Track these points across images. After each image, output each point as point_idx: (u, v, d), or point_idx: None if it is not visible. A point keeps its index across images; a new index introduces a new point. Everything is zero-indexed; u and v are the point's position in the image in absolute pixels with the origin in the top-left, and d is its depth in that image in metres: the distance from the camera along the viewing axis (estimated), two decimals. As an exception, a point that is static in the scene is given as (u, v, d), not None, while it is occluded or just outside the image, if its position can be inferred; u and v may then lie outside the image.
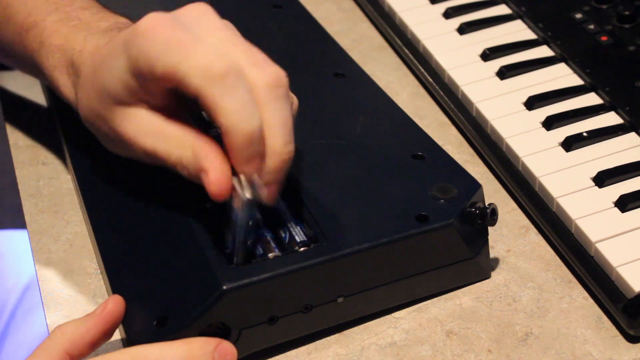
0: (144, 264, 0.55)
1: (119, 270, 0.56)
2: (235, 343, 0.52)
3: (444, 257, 0.57)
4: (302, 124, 0.63)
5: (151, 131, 0.55)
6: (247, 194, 0.52)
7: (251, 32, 0.75)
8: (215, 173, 0.52)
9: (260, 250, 0.54)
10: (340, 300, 0.55)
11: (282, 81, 0.53)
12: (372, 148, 0.62)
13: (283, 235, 0.55)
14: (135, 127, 0.55)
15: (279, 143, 0.52)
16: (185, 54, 0.51)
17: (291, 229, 0.55)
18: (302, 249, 0.54)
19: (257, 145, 0.52)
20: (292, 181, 0.58)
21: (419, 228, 0.55)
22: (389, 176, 0.59)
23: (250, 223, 0.53)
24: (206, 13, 0.55)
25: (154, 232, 0.57)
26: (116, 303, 0.52)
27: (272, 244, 0.54)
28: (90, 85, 0.56)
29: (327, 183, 0.58)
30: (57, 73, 0.60)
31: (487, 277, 0.60)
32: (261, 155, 0.52)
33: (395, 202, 0.57)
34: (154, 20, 0.53)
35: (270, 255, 0.53)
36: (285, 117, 0.53)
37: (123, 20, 0.61)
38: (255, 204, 0.53)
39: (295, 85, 0.68)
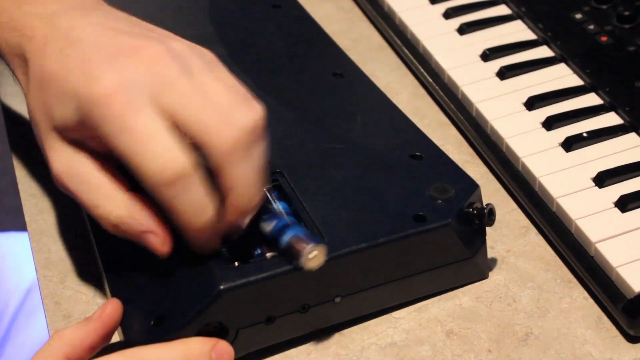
0: (141, 264, 0.55)
1: (117, 270, 0.56)
2: (232, 343, 0.52)
3: (441, 257, 0.57)
4: (300, 124, 0.64)
5: (79, 175, 0.52)
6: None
7: (250, 32, 0.75)
8: (163, 234, 0.52)
9: (258, 250, 0.54)
10: (337, 300, 0.55)
11: (247, 135, 0.50)
12: (370, 148, 0.62)
13: None
14: (63, 162, 0.52)
15: (241, 202, 0.51)
16: (140, 150, 0.48)
17: None
18: None
19: (215, 230, 0.51)
20: (290, 181, 0.58)
21: (417, 228, 0.55)
22: (386, 176, 0.59)
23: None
24: (162, 61, 0.51)
25: None
26: (114, 306, 0.52)
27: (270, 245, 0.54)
28: (37, 92, 0.53)
29: (325, 183, 0.58)
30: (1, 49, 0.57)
31: (485, 277, 0.60)
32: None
33: (392, 202, 0.57)
34: (111, 87, 0.49)
35: (268, 255, 0.53)
36: (249, 175, 0.51)
37: None
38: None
39: (293, 86, 0.68)
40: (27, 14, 0.56)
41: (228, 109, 0.51)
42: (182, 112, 0.50)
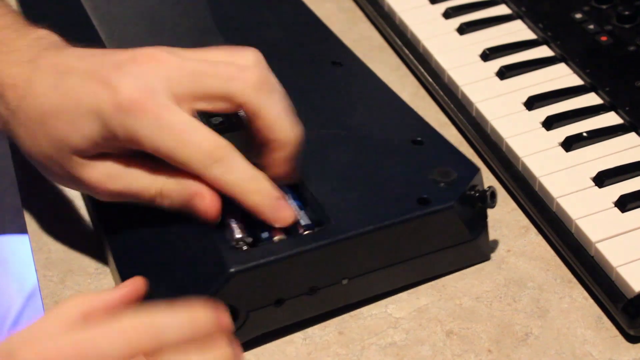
0: (151, 249, 0.56)
1: (127, 255, 0.57)
2: (243, 325, 0.53)
3: (445, 240, 0.58)
4: (302, 112, 0.64)
5: (120, 174, 0.55)
6: None
7: (249, 23, 0.76)
8: (211, 195, 0.53)
9: (266, 234, 0.54)
10: (344, 282, 0.56)
11: (261, 66, 0.55)
12: (372, 134, 0.63)
13: None
14: (100, 173, 0.55)
15: (288, 133, 0.55)
16: (181, 140, 0.52)
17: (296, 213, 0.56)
18: (306, 232, 0.55)
19: (272, 196, 0.54)
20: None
21: (421, 211, 0.56)
22: (389, 161, 0.60)
23: None
24: (159, 58, 0.54)
25: (161, 216, 0.57)
26: (142, 281, 0.53)
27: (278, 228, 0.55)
28: (39, 131, 0.55)
29: (330, 169, 0.59)
30: None
31: (487, 259, 0.60)
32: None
33: (396, 186, 0.58)
34: (137, 92, 0.52)
35: (276, 238, 0.54)
36: (283, 103, 0.55)
37: (42, 32, 0.59)
38: None
39: (293, 75, 0.69)
40: (4, 62, 0.57)
41: (232, 57, 0.55)
42: (200, 85, 0.53)
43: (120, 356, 0.45)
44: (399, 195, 0.57)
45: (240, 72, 0.54)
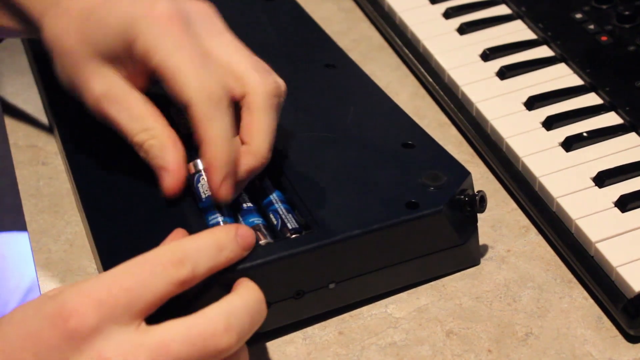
0: (140, 248, 0.55)
1: (112, 252, 0.56)
2: None
3: (433, 244, 0.58)
4: (294, 114, 0.65)
5: (118, 100, 0.56)
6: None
7: (242, 25, 0.75)
8: (172, 175, 0.55)
9: None
10: (331, 286, 0.55)
11: (280, 91, 0.56)
12: (363, 137, 0.63)
13: (275, 222, 0.56)
14: (101, 89, 0.55)
15: (264, 148, 0.55)
16: (194, 67, 0.53)
17: (283, 216, 0.56)
18: (293, 235, 0.55)
19: (232, 166, 0.54)
20: (284, 169, 0.59)
21: (409, 215, 0.56)
22: (379, 164, 0.60)
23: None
24: (212, 15, 0.57)
25: (152, 228, 0.57)
26: (184, 233, 0.54)
27: (264, 231, 0.55)
28: (74, 24, 0.56)
29: (319, 171, 0.59)
30: None
31: (477, 264, 0.60)
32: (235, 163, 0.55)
33: (385, 190, 0.58)
34: (171, 11, 0.54)
35: (262, 242, 0.54)
36: (274, 126, 0.56)
37: None
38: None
39: (286, 77, 0.69)
40: None
41: (267, 66, 0.57)
42: (231, 55, 0.56)
43: (165, 284, 0.46)
44: (387, 199, 0.57)
45: (262, 70, 0.56)
